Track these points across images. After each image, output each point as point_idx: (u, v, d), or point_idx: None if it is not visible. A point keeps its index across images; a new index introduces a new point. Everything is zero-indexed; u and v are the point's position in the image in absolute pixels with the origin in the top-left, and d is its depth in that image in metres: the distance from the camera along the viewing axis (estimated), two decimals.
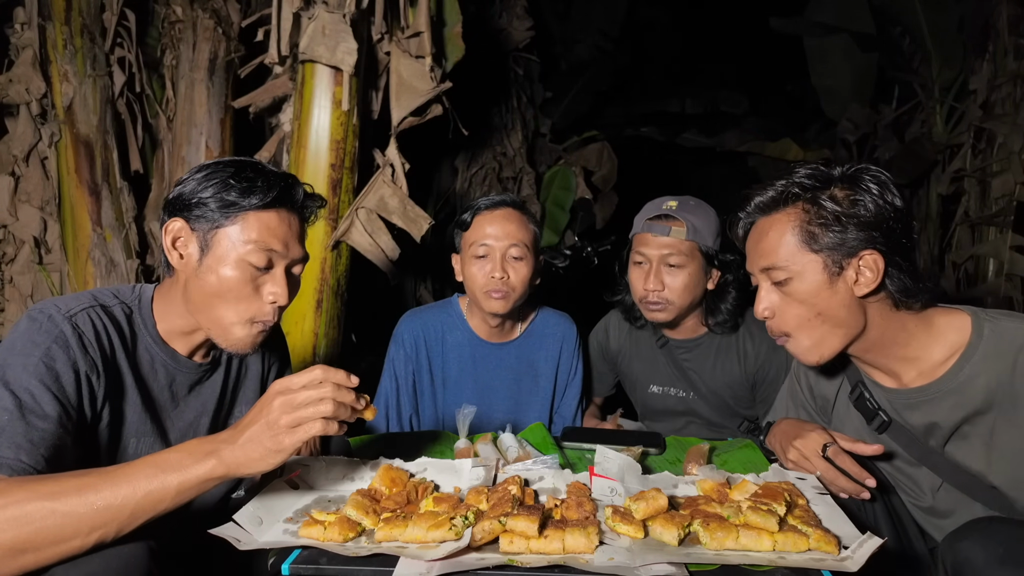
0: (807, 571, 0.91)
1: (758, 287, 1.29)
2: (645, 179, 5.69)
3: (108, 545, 0.88)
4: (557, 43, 5.21)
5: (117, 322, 1.16)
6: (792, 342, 1.25)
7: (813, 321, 1.20)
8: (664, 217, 1.73)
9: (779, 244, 1.21)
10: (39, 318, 1.07)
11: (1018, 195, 4.08)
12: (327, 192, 2.43)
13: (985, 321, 1.19)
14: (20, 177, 2.58)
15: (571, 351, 1.92)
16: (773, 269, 1.22)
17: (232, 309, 1.16)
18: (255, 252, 1.15)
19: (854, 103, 4.76)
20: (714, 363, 1.87)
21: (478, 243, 1.72)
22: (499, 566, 0.91)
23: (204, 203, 1.15)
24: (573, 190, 4.42)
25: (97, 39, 2.57)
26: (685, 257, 1.72)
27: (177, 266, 1.18)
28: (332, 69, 2.34)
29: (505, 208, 1.74)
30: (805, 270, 1.19)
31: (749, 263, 1.30)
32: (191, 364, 1.26)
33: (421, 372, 1.85)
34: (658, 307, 1.76)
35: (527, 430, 1.59)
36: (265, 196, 1.16)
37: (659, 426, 1.97)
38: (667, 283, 1.73)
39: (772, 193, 1.24)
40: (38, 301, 2.58)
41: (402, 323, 1.87)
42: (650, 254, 1.75)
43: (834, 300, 1.18)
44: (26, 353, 1.03)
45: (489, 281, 1.70)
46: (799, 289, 1.20)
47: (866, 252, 1.16)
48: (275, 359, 1.47)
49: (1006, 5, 4.05)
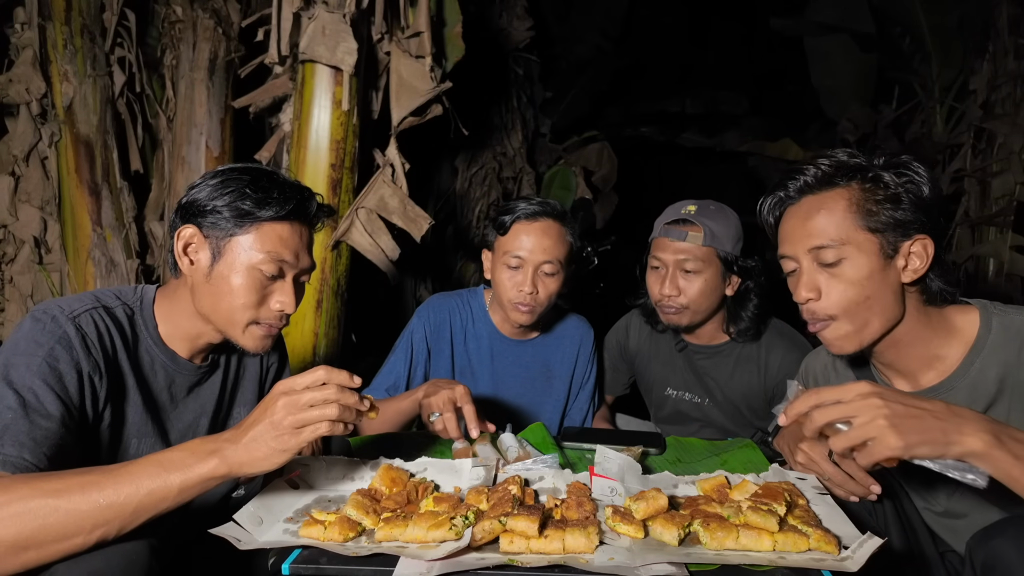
0: (807, 571, 0.90)
1: (794, 272, 1.21)
2: (645, 179, 5.70)
3: (110, 543, 0.88)
4: (557, 43, 5.21)
5: (119, 323, 1.17)
6: (833, 327, 1.18)
7: (861, 305, 1.14)
8: (682, 222, 1.72)
9: (833, 222, 1.14)
10: (43, 319, 1.07)
11: (1018, 195, 4.09)
12: (327, 192, 2.43)
13: (994, 315, 1.17)
14: (20, 177, 2.58)
15: (587, 355, 1.92)
16: (824, 248, 1.15)
17: (239, 315, 1.18)
18: (267, 262, 1.17)
19: (854, 103, 4.76)
20: (732, 372, 1.85)
21: (512, 253, 1.68)
22: (499, 566, 0.91)
23: (218, 211, 1.16)
24: (573, 190, 4.42)
25: (97, 39, 2.57)
26: (701, 263, 1.70)
27: (187, 271, 1.19)
28: (332, 69, 2.34)
29: (545, 220, 1.69)
30: (860, 250, 1.14)
31: (789, 246, 1.21)
32: (190, 366, 1.26)
33: (438, 355, 1.83)
34: (673, 311, 1.75)
35: (527, 430, 1.59)
36: (280, 209, 1.17)
37: (671, 429, 1.95)
38: (683, 288, 1.71)
39: (823, 170, 1.18)
40: (38, 301, 2.61)
41: (430, 302, 1.87)
42: (666, 259, 1.73)
43: (884, 284, 1.14)
44: (30, 353, 1.03)
45: (518, 294, 1.69)
46: (850, 271, 1.14)
47: (919, 236, 1.13)
48: (273, 360, 1.47)
49: (1006, 5, 4.05)
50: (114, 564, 0.85)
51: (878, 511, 1.21)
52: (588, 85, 4.95)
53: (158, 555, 0.89)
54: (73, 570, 0.84)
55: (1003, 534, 0.98)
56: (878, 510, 1.20)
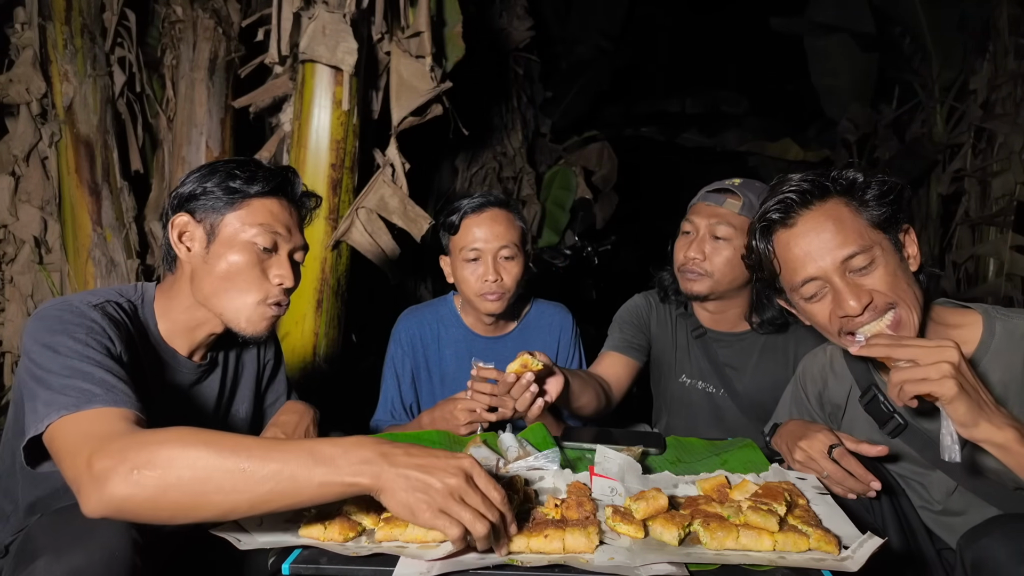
0: (807, 571, 0.90)
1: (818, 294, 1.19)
2: (645, 179, 5.70)
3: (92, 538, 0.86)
4: (557, 43, 5.21)
5: (130, 317, 1.18)
6: (896, 319, 1.15)
7: (908, 291, 1.15)
8: (724, 191, 1.69)
9: (853, 229, 1.15)
10: (62, 308, 1.06)
11: (1018, 195, 4.09)
12: (327, 192, 2.43)
13: (996, 319, 1.18)
14: (20, 177, 2.59)
15: (569, 339, 1.93)
16: (856, 256, 1.14)
17: (243, 292, 1.20)
18: (261, 234, 1.19)
19: (854, 103, 4.76)
20: (757, 362, 1.79)
21: (468, 247, 1.72)
22: (499, 566, 0.91)
23: (209, 192, 1.19)
24: (573, 190, 4.42)
25: (97, 39, 2.57)
26: (733, 230, 1.64)
27: (185, 258, 1.21)
28: (332, 69, 2.34)
29: (491, 209, 1.73)
30: (883, 248, 1.16)
31: (811, 266, 1.17)
32: (190, 364, 1.26)
33: (419, 368, 1.87)
34: (695, 276, 1.69)
35: (527, 430, 1.59)
36: (267, 184, 1.22)
37: (677, 421, 1.91)
38: (709, 254, 1.67)
39: (808, 185, 1.19)
40: (38, 301, 2.61)
41: (400, 321, 1.91)
42: (699, 223, 1.69)
43: (908, 274, 1.17)
44: (67, 332, 1.01)
45: (483, 285, 1.71)
46: (882, 268, 1.14)
47: (905, 227, 1.18)
48: (269, 357, 1.48)
49: (1006, 5, 4.06)
50: (95, 559, 0.83)
51: (875, 509, 1.21)
52: (588, 85, 4.96)
53: (140, 550, 0.88)
54: (54, 567, 0.82)
55: (991, 533, 1.00)
56: (875, 508, 1.21)
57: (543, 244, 4.31)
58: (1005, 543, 0.96)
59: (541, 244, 4.31)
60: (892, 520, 1.21)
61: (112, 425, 0.90)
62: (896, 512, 1.23)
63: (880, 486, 1.17)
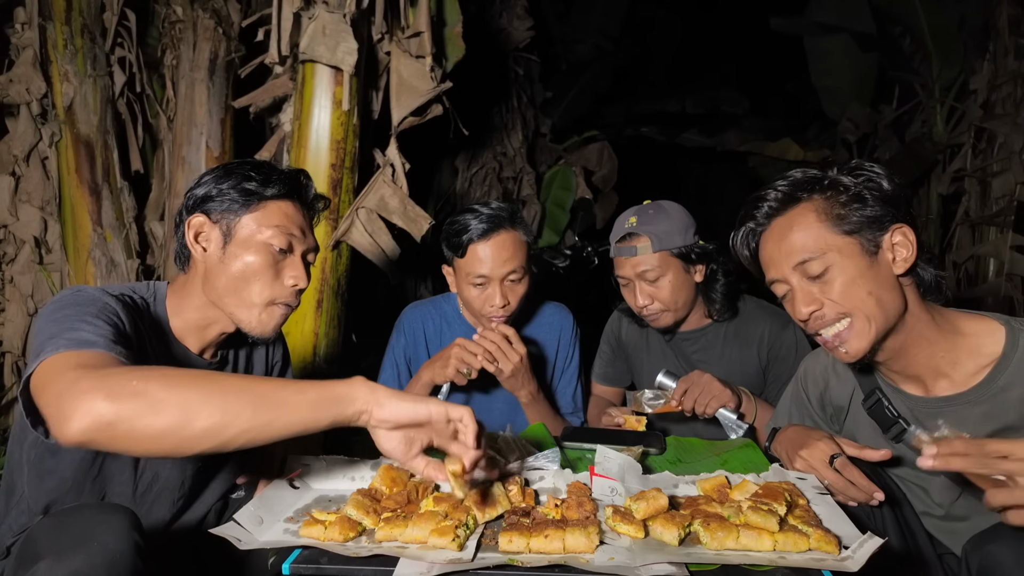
0: (807, 571, 0.90)
1: (788, 294, 1.22)
2: (645, 179, 5.69)
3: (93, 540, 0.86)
4: (557, 43, 5.21)
5: (143, 312, 1.18)
6: (848, 328, 1.17)
7: (865, 300, 1.15)
8: (628, 237, 1.77)
9: (809, 235, 1.16)
10: (76, 292, 1.07)
11: (1018, 195, 4.09)
12: (327, 192, 2.43)
13: (1020, 332, 1.16)
14: (20, 177, 2.59)
15: (568, 339, 1.95)
16: (808, 262, 1.17)
17: (256, 293, 1.21)
18: (277, 236, 1.21)
19: (854, 103, 4.76)
20: (722, 351, 1.89)
21: (475, 274, 1.68)
22: (499, 565, 0.92)
23: (224, 193, 1.20)
24: (573, 190, 4.42)
25: (97, 39, 2.58)
26: (659, 268, 1.75)
27: (200, 259, 1.21)
28: (332, 69, 2.34)
29: (499, 234, 1.67)
30: (842, 254, 1.15)
31: (775, 269, 1.22)
32: (201, 362, 1.27)
33: (420, 360, 1.86)
34: (655, 316, 1.80)
35: (527, 430, 1.59)
36: (282, 186, 1.23)
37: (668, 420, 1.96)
38: (653, 295, 1.77)
39: (782, 191, 1.21)
40: (38, 301, 2.61)
41: (405, 313, 1.93)
42: (627, 274, 1.79)
43: (877, 280, 1.15)
44: (77, 306, 1.02)
45: (490, 309, 1.70)
46: (839, 276, 1.15)
47: (896, 226, 1.15)
48: (277, 358, 1.49)
49: (1006, 5, 4.06)
50: (97, 562, 0.83)
51: (876, 515, 1.20)
52: (588, 85, 4.96)
53: (143, 554, 0.88)
54: (56, 569, 0.82)
55: (997, 539, 0.99)
56: (876, 514, 1.20)
57: (543, 244, 4.31)
58: (1012, 548, 0.96)
59: (541, 244, 4.31)
60: (892, 523, 1.20)
61: (103, 361, 0.91)
62: (897, 518, 1.22)
63: (883, 497, 1.16)
